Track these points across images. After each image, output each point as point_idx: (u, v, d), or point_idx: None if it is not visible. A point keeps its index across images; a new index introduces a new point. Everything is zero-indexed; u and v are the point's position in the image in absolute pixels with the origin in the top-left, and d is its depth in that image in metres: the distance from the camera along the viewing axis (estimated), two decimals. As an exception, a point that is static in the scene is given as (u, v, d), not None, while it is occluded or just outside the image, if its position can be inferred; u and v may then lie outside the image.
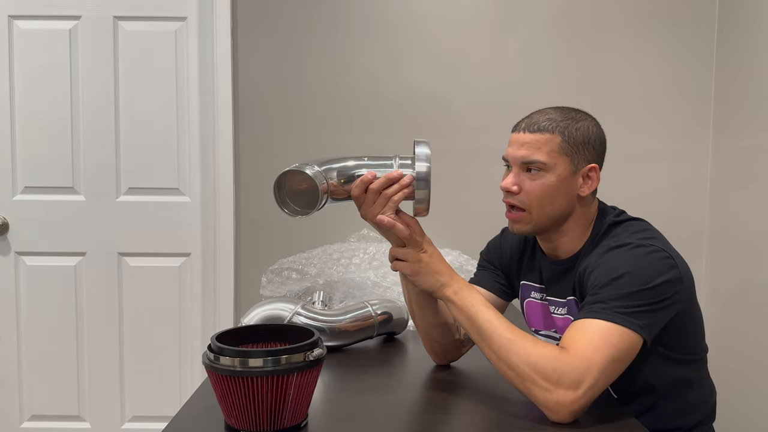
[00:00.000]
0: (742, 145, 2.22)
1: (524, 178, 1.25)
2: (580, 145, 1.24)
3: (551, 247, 1.32)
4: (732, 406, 2.11)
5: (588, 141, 1.25)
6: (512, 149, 1.26)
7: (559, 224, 1.28)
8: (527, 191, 1.24)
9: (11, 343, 2.49)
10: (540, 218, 1.26)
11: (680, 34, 2.40)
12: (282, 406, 1.02)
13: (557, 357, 1.07)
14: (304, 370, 1.01)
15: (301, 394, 1.04)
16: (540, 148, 1.23)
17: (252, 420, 1.02)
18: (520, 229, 1.28)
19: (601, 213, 1.31)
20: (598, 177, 1.27)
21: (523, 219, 1.27)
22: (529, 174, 1.24)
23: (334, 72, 2.43)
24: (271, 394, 1.00)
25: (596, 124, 1.29)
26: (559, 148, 1.23)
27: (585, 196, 1.27)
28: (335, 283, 1.89)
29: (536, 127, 1.24)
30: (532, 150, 1.23)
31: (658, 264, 1.15)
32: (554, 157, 1.23)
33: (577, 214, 1.28)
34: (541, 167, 1.23)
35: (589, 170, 1.26)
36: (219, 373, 1.00)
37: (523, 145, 1.24)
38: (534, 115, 1.27)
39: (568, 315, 1.30)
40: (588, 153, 1.25)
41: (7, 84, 2.41)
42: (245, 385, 0.99)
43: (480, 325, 1.14)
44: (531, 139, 1.24)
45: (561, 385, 1.05)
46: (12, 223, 2.45)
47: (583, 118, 1.27)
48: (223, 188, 2.42)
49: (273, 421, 1.02)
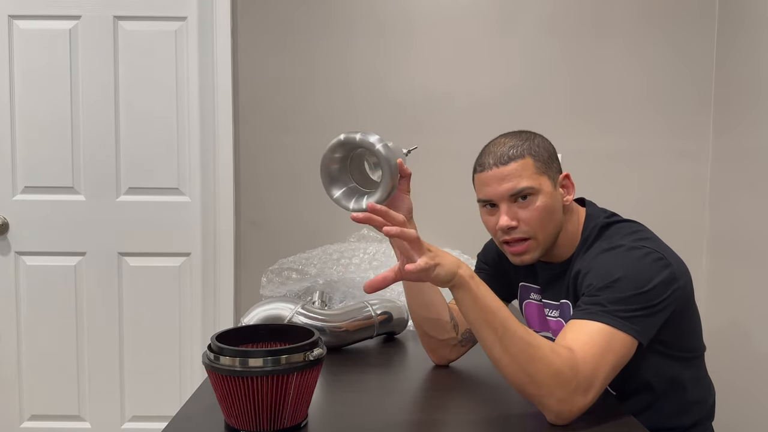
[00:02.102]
0: (742, 145, 2.22)
1: (516, 210, 1.24)
2: (548, 159, 1.26)
3: (547, 256, 1.33)
4: (731, 405, 2.12)
5: (550, 154, 1.27)
6: (491, 188, 1.25)
7: (557, 238, 1.29)
8: (526, 220, 1.24)
9: (11, 343, 2.49)
10: (546, 240, 1.26)
11: (680, 34, 2.40)
12: (282, 406, 1.02)
13: (574, 363, 1.05)
14: (304, 370, 1.01)
15: (301, 394, 1.04)
16: (521, 175, 1.23)
17: (252, 420, 1.02)
18: (531, 258, 1.27)
19: (590, 216, 1.32)
20: (573, 183, 1.30)
21: (530, 247, 1.26)
22: (519, 203, 1.24)
23: (334, 72, 2.43)
24: (271, 394, 1.00)
25: (543, 137, 1.30)
26: (535, 169, 1.24)
27: (568, 204, 1.29)
28: (335, 283, 1.89)
29: (506, 158, 1.24)
30: (514, 179, 1.23)
31: (653, 266, 1.15)
32: (536, 179, 1.23)
33: (566, 223, 1.29)
34: (530, 192, 1.23)
35: (563, 179, 1.28)
36: (219, 373, 1.00)
37: (503, 179, 1.23)
38: (492, 149, 1.27)
39: (559, 318, 1.31)
40: (555, 164, 1.28)
41: (7, 84, 2.41)
42: (245, 385, 0.99)
43: (500, 322, 1.05)
44: (507, 170, 1.23)
45: (576, 393, 1.05)
46: (12, 223, 2.45)
47: (534, 135, 1.29)
48: (223, 188, 2.42)
49: (273, 421, 1.02)
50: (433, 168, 2.42)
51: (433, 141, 2.42)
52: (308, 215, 2.44)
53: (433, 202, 2.39)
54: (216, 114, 2.40)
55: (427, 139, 2.42)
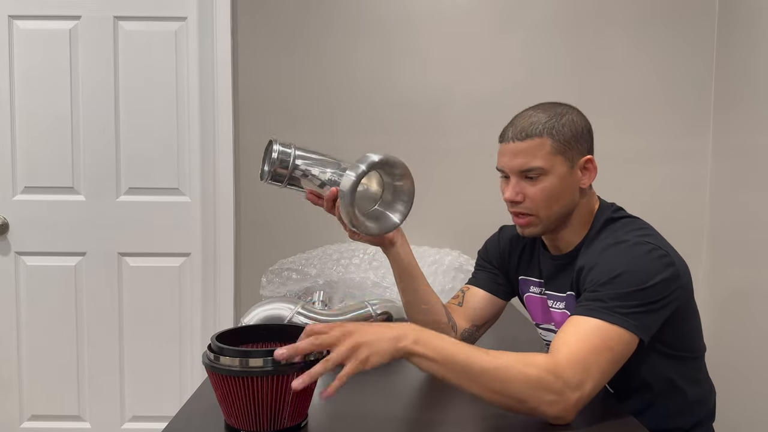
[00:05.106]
0: (742, 145, 2.22)
1: (525, 186, 1.25)
2: (571, 140, 1.24)
3: (553, 241, 1.33)
4: (732, 406, 2.11)
5: (577, 134, 1.25)
6: (506, 159, 1.26)
7: (566, 219, 1.28)
8: (531, 197, 1.24)
9: (11, 343, 2.49)
10: (549, 218, 1.26)
11: (680, 34, 2.40)
12: (282, 406, 1.02)
13: (554, 365, 1.04)
14: (304, 370, 1.01)
15: (301, 394, 1.03)
16: (534, 154, 1.22)
17: (252, 420, 1.01)
18: (531, 232, 1.28)
19: (601, 208, 1.32)
20: (595, 167, 1.28)
21: (532, 222, 1.27)
22: (529, 180, 1.24)
23: (334, 72, 2.43)
24: (271, 394, 1.00)
25: (579, 113, 1.28)
26: (552, 150, 1.22)
27: (586, 187, 1.28)
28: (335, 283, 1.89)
29: (524, 134, 1.23)
30: (527, 158, 1.23)
31: (656, 263, 1.15)
32: (550, 160, 1.22)
33: (580, 205, 1.29)
34: (539, 172, 1.23)
35: (585, 162, 1.26)
36: (219, 373, 1.00)
37: (517, 154, 1.24)
38: (517, 121, 1.26)
39: (565, 310, 1.30)
40: (580, 146, 1.25)
41: (7, 84, 2.41)
42: (245, 385, 0.99)
43: (462, 367, 1.02)
44: (522, 146, 1.23)
45: (565, 392, 1.04)
46: (12, 223, 2.45)
47: (566, 112, 1.26)
48: (223, 188, 2.42)
49: (273, 421, 1.02)
50: (434, 167, 2.41)
51: (433, 140, 2.42)
52: (308, 215, 2.43)
53: (434, 202, 2.39)
54: (216, 114, 2.40)
55: (427, 138, 2.42)
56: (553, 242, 1.33)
